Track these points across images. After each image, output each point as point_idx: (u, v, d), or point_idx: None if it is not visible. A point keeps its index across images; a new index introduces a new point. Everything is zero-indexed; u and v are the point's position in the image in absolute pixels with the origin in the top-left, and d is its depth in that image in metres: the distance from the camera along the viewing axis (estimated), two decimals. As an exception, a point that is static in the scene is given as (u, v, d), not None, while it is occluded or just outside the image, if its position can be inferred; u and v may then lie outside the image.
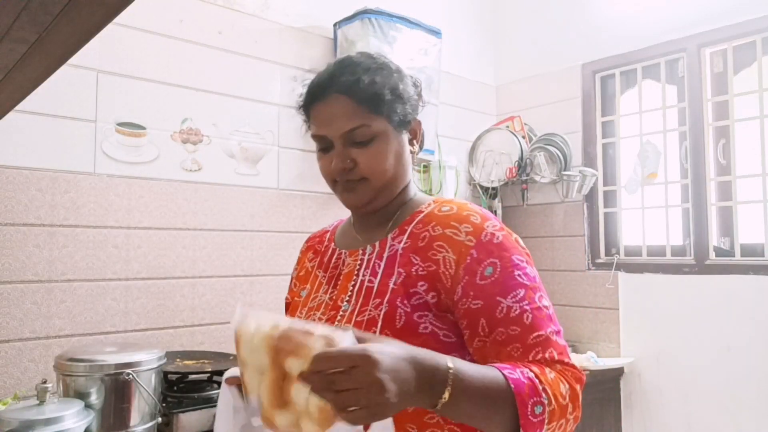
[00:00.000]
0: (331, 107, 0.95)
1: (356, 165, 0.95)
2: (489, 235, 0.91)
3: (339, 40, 2.46)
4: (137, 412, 1.46)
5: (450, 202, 0.99)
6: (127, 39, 1.96)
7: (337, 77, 0.96)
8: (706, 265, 2.47)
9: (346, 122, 0.94)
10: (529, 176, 2.88)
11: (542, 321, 0.87)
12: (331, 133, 0.95)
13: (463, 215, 0.94)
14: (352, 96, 0.94)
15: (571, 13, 2.95)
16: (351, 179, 0.96)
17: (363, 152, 0.95)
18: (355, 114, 0.94)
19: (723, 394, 2.38)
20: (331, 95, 0.96)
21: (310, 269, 1.09)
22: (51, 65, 0.73)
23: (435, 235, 0.93)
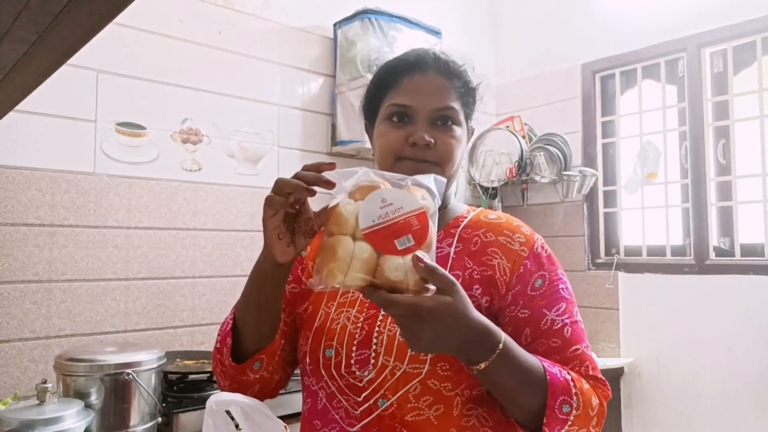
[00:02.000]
0: (429, 82, 0.95)
1: (435, 145, 0.93)
2: (540, 248, 0.95)
3: (339, 40, 2.46)
4: (137, 412, 1.46)
5: (492, 212, 1.02)
6: (127, 39, 1.96)
7: (437, 59, 0.97)
8: (706, 265, 2.47)
9: (441, 100, 0.94)
10: (529, 176, 2.88)
11: (579, 335, 0.92)
12: (421, 106, 0.94)
13: (513, 225, 0.97)
14: (451, 79, 0.96)
15: (571, 13, 2.95)
16: (425, 159, 0.93)
17: (443, 135, 0.94)
18: (448, 95, 0.95)
19: (723, 394, 2.38)
20: (431, 72, 0.96)
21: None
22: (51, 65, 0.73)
23: (488, 241, 0.95)
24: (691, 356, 2.47)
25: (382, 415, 0.85)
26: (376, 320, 0.90)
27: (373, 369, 0.87)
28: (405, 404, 0.85)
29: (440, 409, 0.85)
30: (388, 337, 0.88)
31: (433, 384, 0.85)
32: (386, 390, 0.86)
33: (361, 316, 0.92)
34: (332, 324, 0.93)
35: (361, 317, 0.92)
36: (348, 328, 0.91)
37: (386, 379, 0.86)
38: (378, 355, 0.87)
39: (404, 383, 0.85)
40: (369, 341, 0.89)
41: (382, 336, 0.88)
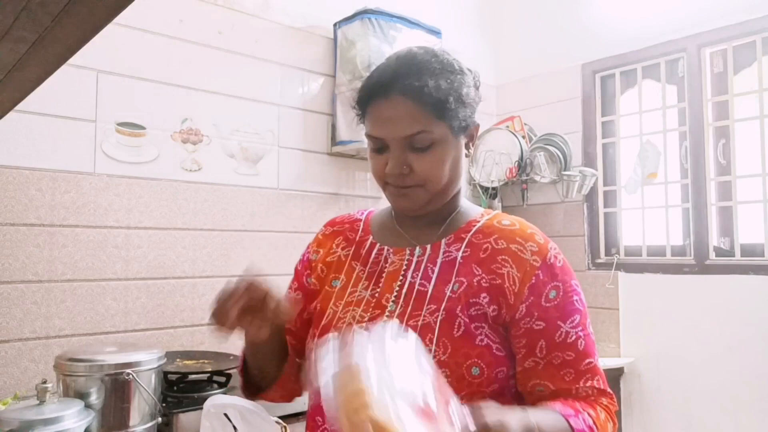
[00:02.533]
0: (393, 109, 0.90)
1: (412, 171, 0.91)
2: (553, 258, 0.92)
3: (339, 40, 2.46)
4: (137, 412, 1.46)
5: (507, 216, 0.99)
6: (127, 39, 1.96)
7: (402, 78, 0.90)
8: (706, 265, 2.47)
9: (407, 127, 0.89)
10: (529, 176, 2.88)
11: (592, 348, 0.92)
12: (390, 136, 0.91)
13: (527, 233, 0.94)
14: (416, 100, 0.89)
15: (571, 13, 2.94)
16: (405, 185, 0.93)
17: (420, 158, 0.91)
18: (417, 119, 0.89)
19: (723, 394, 2.38)
20: (393, 96, 0.90)
21: (344, 258, 1.03)
22: (51, 65, 0.73)
23: (499, 248, 0.92)
24: (691, 356, 2.47)
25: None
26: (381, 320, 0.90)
27: None
28: None
29: None
30: None
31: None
32: None
33: (366, 315, 0.93)
34: (338, 322, 0.94)
35: (366, 316, 0.92)
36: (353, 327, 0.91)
37: None
38: None
39: None
40: None
41: None
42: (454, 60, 0.98)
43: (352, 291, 0.97)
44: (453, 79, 0.93)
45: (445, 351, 0.86)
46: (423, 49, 0.97)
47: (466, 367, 0.85)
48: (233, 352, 2.02)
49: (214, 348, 2.07)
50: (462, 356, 0.86)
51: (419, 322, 0.88)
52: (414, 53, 0.95)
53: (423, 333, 0.86)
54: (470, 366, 0.86)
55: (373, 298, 0.94)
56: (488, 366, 0.87)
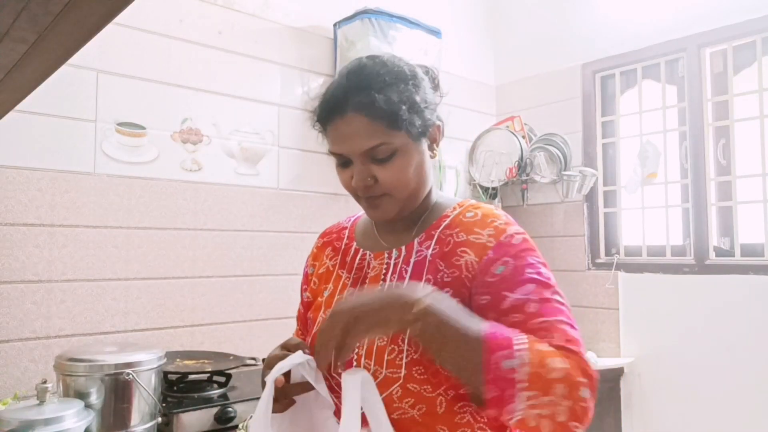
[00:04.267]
0: (349, 126, 0.92)
1: (377, 182, 0.94)
2: (509, 237, 0.91)
3: (339, 40, 2.46)
4: (137, 412, 1.46)
5: (475, 207, 0.99)
6: (127, 39, 1.96)
7: (352, 94, 0.92)
8: (706, 265, 2.47)
9: (365, 141, 0.91)
10: (529, 176, 2.88)
11: (549, 310, 0.84)
12: (350, 151, 0.93)
13: (487, 221, 0.94)
14: (369, 115, 0.91)
15: (571, 13, 2.94)
16: (373, 195, 0.95)
17: (383, 169, 0.93)
18: (374, 133, 0.91)
19: (723, 394, 2.38)
20: (348, 113, 0.92)
21: (331, 268, 1.07)
22: (51, 65, 0.73)
23: (459, 241, 0.94)
24: (691, 356, 2.47)
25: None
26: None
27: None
28: (390, 404, 0.88)
29: (423, 408, 0.87)
30: (369, 341, 0.91)
31: (413, 387, 0.87)
32: None
33: None
34: None
35: None
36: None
37: None
38: (360, 358, 0.91)
39: (386, 386, 0.88)
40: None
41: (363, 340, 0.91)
42: (405, 66, 0.97)
43: (339, 298, 1.00)
44: (404, 89, 0.93)
45: (417, 349, 0.87)
46: (372, 60, 0.97)
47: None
48: (233, 352, 2.02)
49: (214, 348, 2.08)
50: None
51: None
52: (363, 66, 0.96)
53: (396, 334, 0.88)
54: None
55: None
56: None
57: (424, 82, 0.98)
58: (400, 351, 0.88)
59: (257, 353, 1.97)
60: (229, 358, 1.90)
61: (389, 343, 0.89)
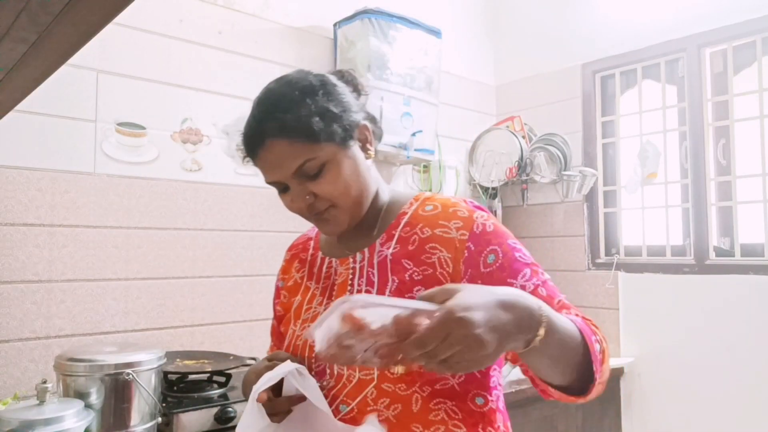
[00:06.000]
0: (271, 153, 0.94)
1: (316, 197, 0.94)
2: (481, 226, 0.92)
3: (339, 40, 2.46)
4: (137, 412, 1.46)
5: (432, 200, 0.99)
6: (127, 39, 1.96)
7: (265, 122, 0.94)
8: (706, 265, 2.47)
9: (291, 163, 0.92)
10: (529, 176, 2.88)
11: (555, 290, 0.92)
12: (281, 177, 0.95)
13: (449, 212, 0.94)
14: (285, 137, 0.92)
15: (571, 13, 2.94)
16: (320, 211, 0.96)
17: (318, 183, 0.93)
18: (296, 152, 0.92)
19: (723, 394, 2.38)
20: (266, 142, 0.93)
21: (299, 280, 1.08)
22: (51, 65, 0.73)
23: (425, 237, 0.93)
24: (691, 356, 2.47)
25: (345, 419, 0.90)
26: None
27: (331, 378, 0.92)
28: (365, 408, 0.89)
29: (398, 408, 0.88)
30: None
31: (387, 387, 0.89)
32: (345, 396, 0.91)
33: None
34: (297, 340, 1.00)
35: None
36: (308, 342, 0.96)
37: (344, 386, 0.91)
38: (333, 366, 0.92)
39: (361, 389, 0.90)
40: None
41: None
42: (312, 77, 0.97)
43: (308, 308, 1.02)
44: (312, 101, 0.93)
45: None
46: (278, 83, 0.98)
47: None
48: (233, 352, 2.02)
49: (214, 348, 2.08)
50: None
51: None
52: (269, 91, 0.97)
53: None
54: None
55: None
56: None
57: (337, 87, 0.97)
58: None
59: (257, 353, 1.97)
60: (229, 358, 1.90)
61: None
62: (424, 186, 2.83)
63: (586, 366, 0.81)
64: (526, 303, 0.73)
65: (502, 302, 0.70)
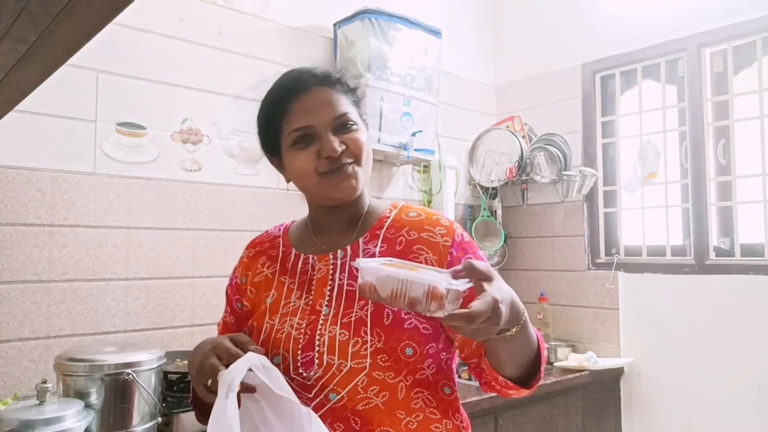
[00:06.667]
0: (315, 98, 1.00)
1: (347, 148, 0.99)
2: (460, 236, 1.02)
3: (339, 40, 2.46)
4: (137, 412, 1.46)
5: (411, 208, 1.08)
6: (127, 39, 1.96)
7: (315, 73, 1.02)
8: (706, 265, 2.47)
9: (335, 109, 1.00)
10: (529, 176, 2.88)
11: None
12: (320, 121, 0.99)
13: (433, 219, 1.04)
14: (335, 87, 1.02)
15: (571, 13, 2.94)
16: (344, 163, 0.99)
17: (349, 137, 1.00)
18: (340, 103, 1.01)
19: (723, 394, 2.38)
20: (313, 88, 1.00)
21: (270, 275, 1.08)
22: (51, 65, 0.73)
23: (412, 239, 1.01)
24: (691, 356, 2.47)
25: (334, 407, 0.94)
26: (317, 324, 0.98)
27: (319, 368, 0.95)
28: (355, 396, 0.93)
29: (386, 395, 0.93)
30: (329, 338, 0.95)
31: (377, 375, 0.93)
32: (335, 385, 0.94)
33: (303, 322, 0.99)
34: (277, 334, 1.00)
35: (303, 323, 0.99)
36: (292, 335, 0.98)
37: (334, 376, 0.94)
38: (322, 356, 0.95)
39: (351, 378, 0.93)
40: (312, 344, 0.96)
41: (323, 338, 0.96)
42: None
43: (286, 303, 1.03)
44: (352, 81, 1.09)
45: (380, 339, 0.94)
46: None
47: (401, 349, 0.94)
48: (233, 352, 2.01)
49: (214, 348, 2.07)
50: (395, 341, 0.94)
51: (352, 318, 0.96)
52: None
53: (357, 326, 0.95)
54: (404, 348, 0.94)
55: (308, 305, 1.01)
56: (419, 344, 0.95)
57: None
58: (364, 342, 0.94)
59: (257, 353, 1.97)
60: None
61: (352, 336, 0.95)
62: (423, 186, 2.83)
63: (534, 365, 0.97)
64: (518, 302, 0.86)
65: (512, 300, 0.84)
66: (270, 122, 1.04)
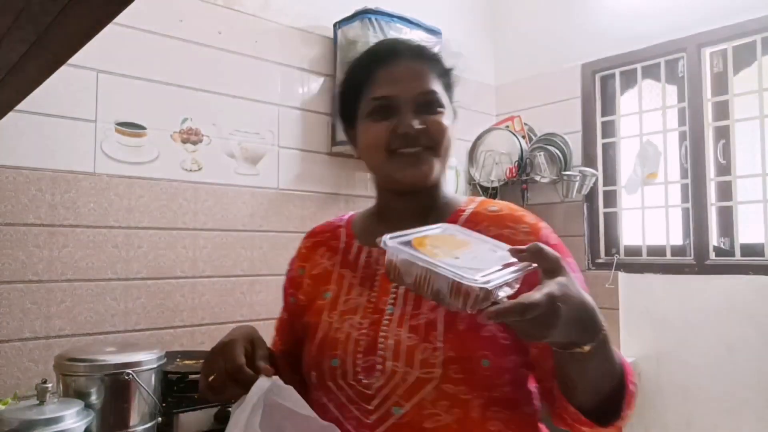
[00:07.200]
0: (405, 69, 0.92)
1: (426, 129, 0.90)
2: (547, 236, 0.89)
3: (339, 40, 2.46)
4: (137, 412, 1.46)
5: (491, 202, 0.96)
6: (127, 39, 1.96)
7: (411, 45, 0.95)
8: (706, 265, 2.47)
9: (421, 84, 0.91)
10: (529, 176, 2.88)
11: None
12: (404, 93, 0.90)
13: (516, 215, 0.92)
14: (427, 63, 0.93)
15: (571, 13, 2.94)
16: (420, 147, 0.90)
17: (431, 119, 0.91)
18: (430, 79, 0.92)
19: (723, 394, 2.38)
20: (403, 58, 0.93)
21: (330, 267, 0.99)
22: (51, 65, 0.73)
23: (490, 235, 0.87)
24: (691, 356, 2.47)
25: (399, 423, 0.82)
26: (381, 325, 0.87)
27: (381, 376, 0.83)
28: (421, 411, 0.81)
29: (458, 412, 0.81)
30: (395, 342, 0.84)
31: (448, 388, 0.81)
32: (399, 397, 0.82)
33: (364, 322, 0.88)
34: (335, 333, 0.90)
35: (365, 323, 0.88)
36: (352, 336, 0.87)
37: (398, 386, 0.82)
38: (384, 361, 0.84)
39: (418, 389, 0.81)
40: (374, 347, 0.85)
41: (388, 341, 0.84)
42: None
43: (346, 299, 0.93)
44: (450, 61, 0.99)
45: (453, 346, 0.82)
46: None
47: (476, 360, 0.81)
48: (233, 352, 2.01)
49: (214, 348, 2.07)
50: (470, 350, 0.82)
51: (421, 321, 0.84)
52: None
53: (427, 330, 0.83)
54: (480, 358, 0.82)
55: (371, 303, 0.90)
56: (497, 356, 0.82)
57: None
58: (434, 348, 0.82)
59: (257, 353, 1.97)
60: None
61: (420, 341, 0.83)
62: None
63: (614, 400, 0.79)
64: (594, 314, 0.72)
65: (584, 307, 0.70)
66: (351, 88, 0.96)
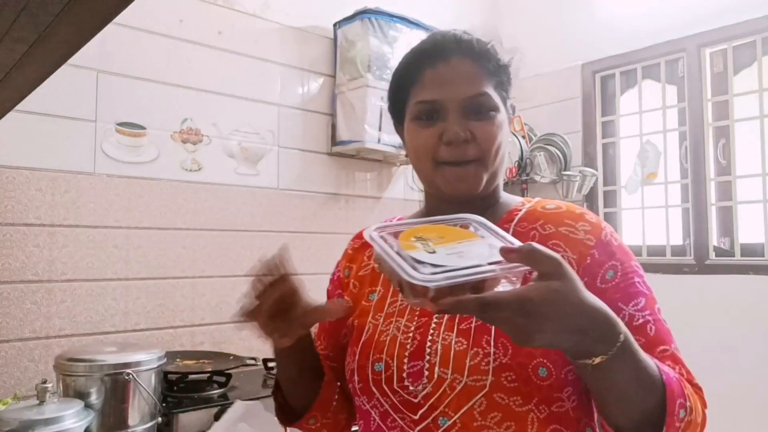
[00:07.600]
0: (453, 70, 0.84)
1: (473, 138, 0.83)
2: (609, 236, 0.83)
3: (339, 40, 2.46)
4: (137, 412, 1.46)
5: (550, 201, 0.91)
6: (127, 39, 1.96)
7: (461, 41, 0.86)
8: (706, 265, 2.47)
9: (471, 87, 0.84)
10: (529, 176, 2.88)
11: (666, 335, 0.83)
12: (450, 97, 0.84)
13: (576, 213, 0.86)
14: (478, 61, 0.85)
15: (571, 13, 2.94)
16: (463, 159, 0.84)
17: (480, 126, 0.84)
18: (480, 81, 0.85)
19: (723, 394, 2.37)
20: (453, 57, 0.85)
21: (378, 269, 0.94)
22: (51, 65, 0.73)
23: (547, 233, 0.84)
24: (691, 356, 2.45)
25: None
26: (429, 328, 0.82)
27: (429, 383, 0.78)
28: (470, 422, 0.75)
29: (511, 426, 0.75)
30: (443, 346, 0.79)
31: (500, 398, 0.75)
32: (446, 407, 0.76)
33: (411, 325, 0.84)
34: (381, 336, 0.85)
35: (411, 326, 0.84)
36: (398, 339, 0.83)
37: (445, 394, 0.77)
38: (432, 367, 0.78)
39: (467, 398, 0.76)
40: (422, 352, 0.80)
41: (435, 345, 0.79)
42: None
43: (393, 301, 0.89)
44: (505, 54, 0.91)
45: (506, 352, 0.75)
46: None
47: (532, 368, 0.75)
48: (233, 352, 2.02)
49: (214, 348, 2.08)
50: (525, 356, 0.75)
51: (472, 324, 0.79)
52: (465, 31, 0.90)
53: (478, 334, 0.78)
54: (536, 366, 0.75)
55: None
56: (555, 366, 0.76)
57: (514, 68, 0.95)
58: (485, 354, 0.76)
59: (257, 353, 1.97)
60: (229, 358, 1.90)
61: (471, 346, 0.77)
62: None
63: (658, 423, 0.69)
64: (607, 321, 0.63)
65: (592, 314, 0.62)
66: (400, 86, 0.91)
